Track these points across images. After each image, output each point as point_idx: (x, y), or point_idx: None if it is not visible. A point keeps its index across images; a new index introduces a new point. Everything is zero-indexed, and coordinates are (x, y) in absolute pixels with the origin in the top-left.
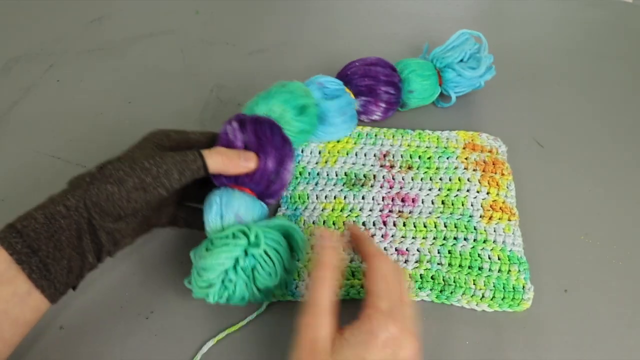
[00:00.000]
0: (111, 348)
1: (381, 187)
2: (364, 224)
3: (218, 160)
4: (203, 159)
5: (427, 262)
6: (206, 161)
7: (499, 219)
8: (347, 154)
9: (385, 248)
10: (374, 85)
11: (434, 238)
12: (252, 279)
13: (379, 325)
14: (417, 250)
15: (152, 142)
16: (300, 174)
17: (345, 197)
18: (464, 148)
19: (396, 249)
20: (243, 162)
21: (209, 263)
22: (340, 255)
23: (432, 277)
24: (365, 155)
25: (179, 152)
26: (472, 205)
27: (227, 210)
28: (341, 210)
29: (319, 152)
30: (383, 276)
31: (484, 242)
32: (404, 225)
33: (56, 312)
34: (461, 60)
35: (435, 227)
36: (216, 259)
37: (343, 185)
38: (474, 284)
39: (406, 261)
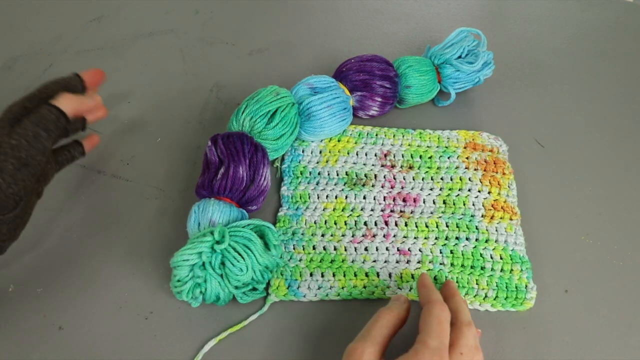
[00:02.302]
0: (111, 348)
1: (382, 186)
2: (365, 223)
3: (69, 102)
4: (56, 107)
5: (430, 262)
6: (59, 107)
7: (501, 218)
8: (347, 153)
9: (387, 248)
10: (369, 80)
11: (436, 238)
12: (225, 276)
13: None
14: (419, 250)
15: (7, 120)
16: (301, 173)
17: (346, 197)
18: (464, 147)
19: (398, 249)
20: (90, 101)
21: (175, 261)
22: (407, 309)
23: (434, 278)
24: (366, 154)
25: (35, 112)
26: (473, 204)
27: (203, 217)
28: (342, 210)
29: (320, 152)
30: (438, 320)
31: (486, 241)
32: (406, 225)
33: (56, 312)
34: (459, 57)
35: (437, 227)
36: (181, 256)
37: (344, 185)
38: (476, 283)
39: (408, 261)
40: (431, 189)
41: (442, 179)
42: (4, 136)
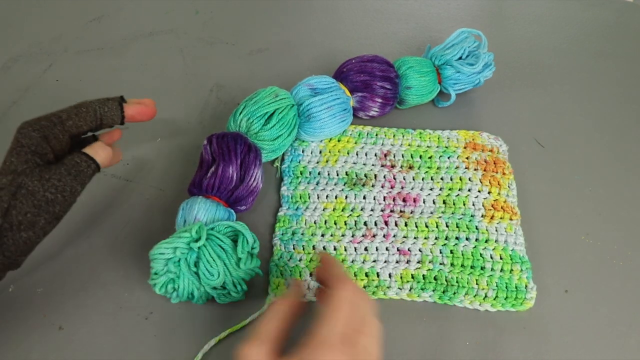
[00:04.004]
0: (111, 348)
1: (382, 186)
2: (365, 223)
3: (105, 155)
4: (94, 160)
5: (430, 262)
6: (97, 160)
7: (501, 218)
8: (347, 153)
9: (387, 248)
10: (370, 81)
11: (436, 238)
12: (198, 276)
13: (314, 354)
14: (419, 250)
15: (30, 153)
16: (301, 173)
17: (346, 197)
18: (464, 147)
19: (398, 249)
20: (119, 155)
21: (152, 253)
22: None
23: (435, 278)
24: (366, 154)
25: (71, 163)
26: (473, 204)
27: (188, 214)
28: (342, 210)
29: (320, 152)
30: (334, 306)
31: (486, 241)
32: (406, 225)
33: (56, 313)
34: (460, 58)
35: (436, 227)
36: (158, 249)
37: (344, 185)
38: (476, 283)
39: (408, 262)
40: (431, 189)
41: (442, 179)
42: (35, 181)
